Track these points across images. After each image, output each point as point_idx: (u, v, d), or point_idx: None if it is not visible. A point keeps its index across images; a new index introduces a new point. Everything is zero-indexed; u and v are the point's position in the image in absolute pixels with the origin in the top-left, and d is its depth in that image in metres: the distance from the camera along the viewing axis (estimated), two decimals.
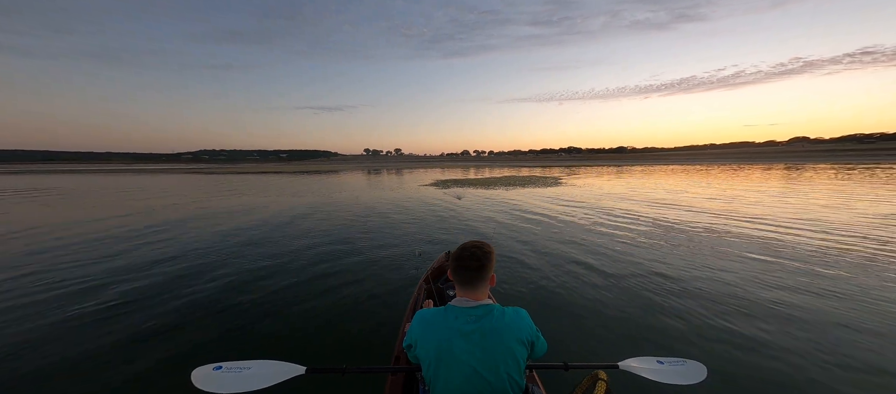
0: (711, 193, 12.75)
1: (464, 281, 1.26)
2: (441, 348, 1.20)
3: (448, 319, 1.23)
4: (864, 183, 15.11)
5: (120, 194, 16.04)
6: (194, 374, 1.43)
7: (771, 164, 39.39)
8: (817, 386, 2.32)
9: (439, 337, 1.21)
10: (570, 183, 19.34)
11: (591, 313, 3.35)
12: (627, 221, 7.90)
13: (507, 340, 1.20)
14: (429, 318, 1.28)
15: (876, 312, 3.23)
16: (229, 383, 1.42)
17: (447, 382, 1.19)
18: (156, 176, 36.34)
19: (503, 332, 1.20)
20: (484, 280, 1.26)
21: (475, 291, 1.26)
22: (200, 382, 1.40)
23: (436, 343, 1.21)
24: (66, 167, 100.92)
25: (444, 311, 1.27)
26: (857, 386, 2.30)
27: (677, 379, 1.76)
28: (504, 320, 1.22)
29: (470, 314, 1.22)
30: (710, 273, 4.32)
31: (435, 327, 1.24)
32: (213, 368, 1.47)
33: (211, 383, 1.40)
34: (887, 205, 9.12)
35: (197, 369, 1.45)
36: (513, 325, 1.22)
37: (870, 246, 5.32)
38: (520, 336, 1.22)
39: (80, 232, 7.37)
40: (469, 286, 1.26)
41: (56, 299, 3.86)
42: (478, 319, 1.21)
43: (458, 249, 1.31)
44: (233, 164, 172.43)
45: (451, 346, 1.19)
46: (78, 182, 25.70)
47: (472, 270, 1.24)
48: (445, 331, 1.21)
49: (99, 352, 2.85)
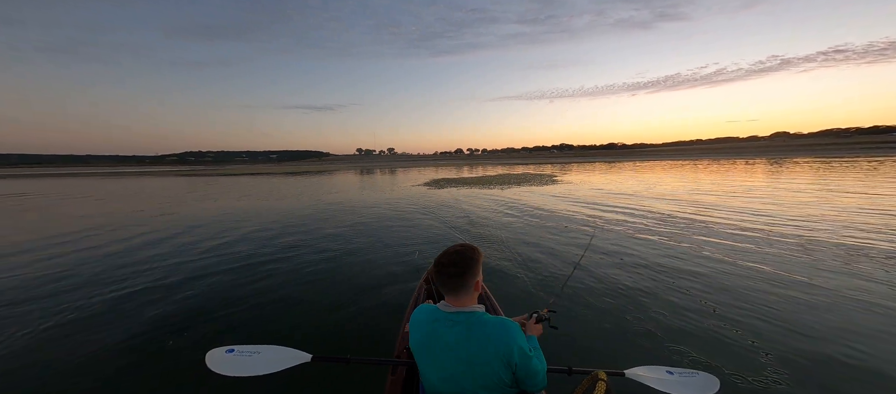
0: (722, 189, 12.91)
1: (444, 287, 1.20)
2: (421, 343, 1.22)
3: (431, 316, 1.23)
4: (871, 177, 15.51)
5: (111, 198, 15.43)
6: (209, 356, 1.50)
7: (756, 158, 40.38)
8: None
9: (423, 332, 1.22)
10: (566, 181, 19.41)
11: (596, 317, 3.22)
12: (631, 217, 7.89)
13: (484, 354, 1.13)
14: (416, 314, 1.30)
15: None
16: (240, 365, 1.49)
17: (430, 378, 1.22)
18: (141, 179, 35.24)
19: (481, 343, 1.13)
20: (466, 287, 1.19)
21: (458, 298, 1.20)
22: (214, 364, 1.47)
23: (419, 338, 1.24)
24: (42, 171, 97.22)
25: (433, 310, 1.25)
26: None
27: (687, 391, 1.67)
28: (484, 330, 1.14)
29: (450, 319, 1.18)
30: (727, 273, 4.27)
31: (419, 325, 1.25)
32: (226, 351, 1.54)
33: (224, 365, 1.48)
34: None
35: (211, 351, 1.51)
36: (494, 337, 1.13)
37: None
38: (499, 353, 1.12)
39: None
40: (450, 293, 1.20)
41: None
42: (455, 324, 1.17)
43: (441, 253, 1.25)
44: (220, 165, 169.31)
45: (432, 343, 1.19)
46: (67, 185, 24.70)
47: (452, 276, 1.17)
48: (428, 325, 1.22)
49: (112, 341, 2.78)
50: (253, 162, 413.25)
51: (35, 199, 16.34)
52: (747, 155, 54.90)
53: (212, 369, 1.45)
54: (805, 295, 3.50)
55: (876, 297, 3.40)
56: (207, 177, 36.95)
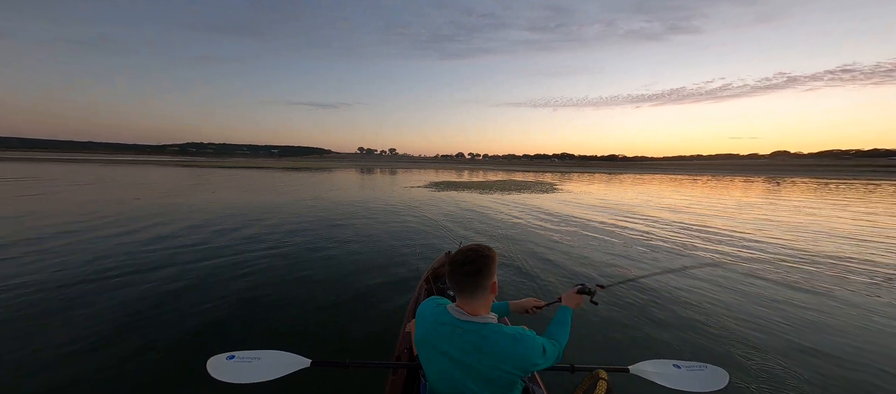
0: (723, 205, 13.01)
1: (458, 288, 1.17)
2: (426, 341, 1.21)
3: (440, 318, 1.20)
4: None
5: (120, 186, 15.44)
6: (210, 363, 1.48)
7: (756, 176, 40.57)
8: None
9: (429, 329, 1.21)
10: (566, 189, 19.49)
11: (600, 315, 3.30)
12: (638, 225, 7.97)
13: (496, 370, 1.11)
14: (424, 307, 1.29)
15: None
16: (241, 372, 1.48)
17: (433, 378, 1.22)
18: (137, 168, 35.21)
19: (495, 357, 1.11)
20: (481, 288, 1.16)
21: (473, 301, 1.17)
22: (216, 371, 1.46)
23: (424, 335, 1.22)
24: (43, 156, 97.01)
25: (441, 310, 1.22)
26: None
27: (695, 386, 1.62)
28: (499, 345, 1.11)
29: (461, 327, 1.15)
30: (733, 278, 4.36)
31: (426, 321, 1.24)
32: (227, 357, 1.53)
33: (226, 372, 1.46)
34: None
35: (212, 358, 1.49)
36: (509, 353, 1.11)
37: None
38: (516, 366, 1.12)
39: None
40: (465, 294, 1.17)
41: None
42: (466, 333, 1.14)
43: (455, 252, 1.23)
44: (220, 158, 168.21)
45: (437, 345, 1.18)
46: (68, 170, 24.68)
47: (468, 275, 1.15)
48: (435, 326, 1.20)
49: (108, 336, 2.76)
50: (254, 156, 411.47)
51: (35, 183, 16.29)
52: (747, 173, 55.15)
53: (213, 376, 1.44)
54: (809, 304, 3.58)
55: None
56: (205, 168, 36.87)
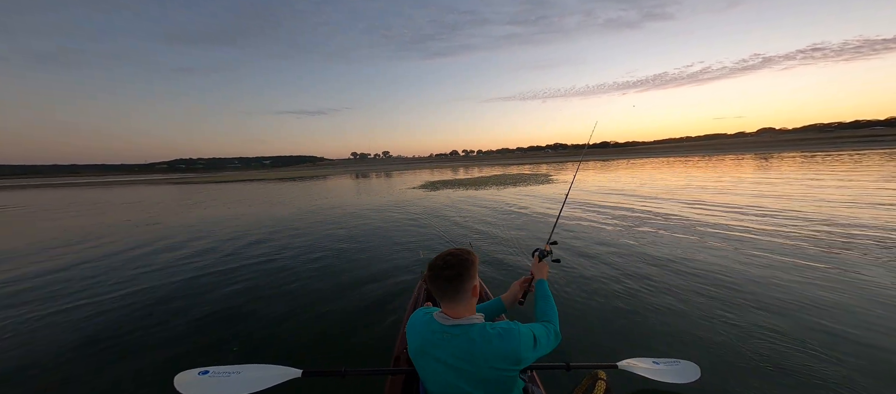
0: (720, 184, 13.20)
1: (439, 294, 1.16)
2: (419, 352, 1.19)
3: (428, 327, 1.19)
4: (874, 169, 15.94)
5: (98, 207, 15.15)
6: (177, 379, 1.34)
7: (744, 154, 41.23)
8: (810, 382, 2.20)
9: (420, 342, 1.19)
10: (564, 181, 19.60)
11: (594, 313, 3.27)
12: (635, 217, 8.07)
13: (489, 369, 1.09)
14: (413, 320, 1.27)
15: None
16: (216, 388, 1.33)
17: (431, 387, 1.20)
18: (130, 188, 34.63)
19: (486, 357, 1.09)
20: (461, 292, 1.14)
21: (454, 305, 1.16)
22: (184, 387, 1.31)
23: (416, 347, 1.20)
24: (24, 182, 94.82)
25: (429, 319, 1.21)
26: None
27: (671, 378, 1.89)
28: (489, 345, 1.09)
29: (447, 332, 1.14)
30: (724, 267, 4.42)
31: (416, 333, 1.22)
32: (199, 372, 1.38)
33: (196, 388, 1.31)
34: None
35: (180, 373, 1.35)
36: (500, 350, 1.09)
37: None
38: (508, 361, 1.10)
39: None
40: (446, 299, 1.16)
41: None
42: (453, 337, 1.13)
43: (434, 257, 1.20)
44: (212, 173, 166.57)
45: (430, 354, 1.16)
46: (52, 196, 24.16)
47: (448, 280, 1.13)
48: (423, 336, 1.19)
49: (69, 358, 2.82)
50: (246, 168, 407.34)
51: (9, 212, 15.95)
52: (736, 151, 56.05)
53: (181, 392, 1.31)
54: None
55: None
56: (197, 185, 36.42)
